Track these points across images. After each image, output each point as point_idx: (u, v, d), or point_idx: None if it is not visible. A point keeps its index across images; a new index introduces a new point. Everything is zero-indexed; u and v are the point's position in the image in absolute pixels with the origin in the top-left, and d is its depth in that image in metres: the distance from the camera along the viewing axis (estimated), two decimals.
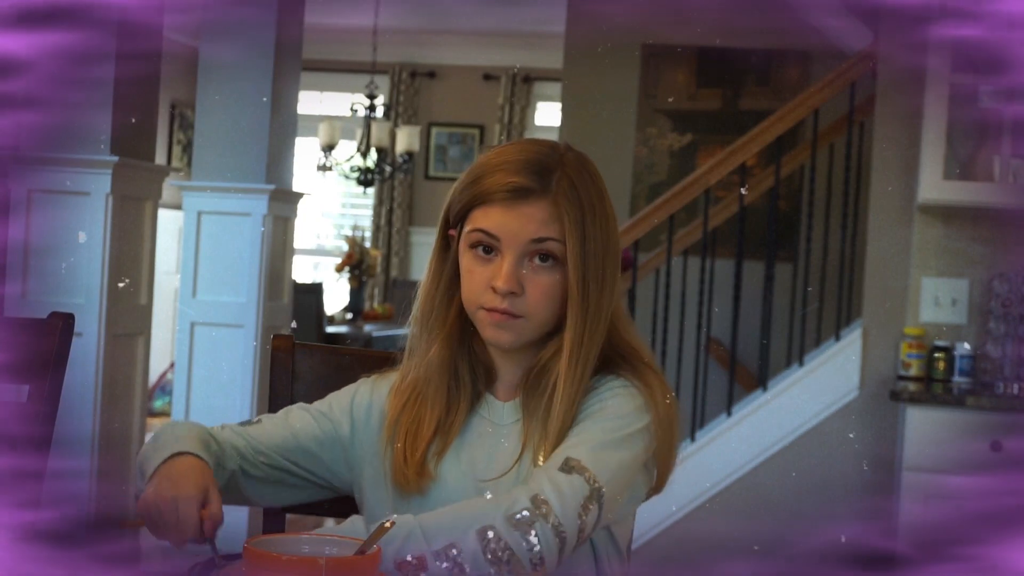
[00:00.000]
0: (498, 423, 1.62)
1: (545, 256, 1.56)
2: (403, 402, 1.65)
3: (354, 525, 1.46)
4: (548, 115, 9.03)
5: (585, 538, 1.48)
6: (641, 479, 1.59)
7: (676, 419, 1.61)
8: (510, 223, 1.56)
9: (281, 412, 1.71)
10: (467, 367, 1.64)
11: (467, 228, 1.59)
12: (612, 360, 1.61)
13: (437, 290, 1.64)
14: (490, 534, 1.41)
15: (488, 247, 1.58)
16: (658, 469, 1.61)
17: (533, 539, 1.42)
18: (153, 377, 7.80)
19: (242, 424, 1.68)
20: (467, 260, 1.60)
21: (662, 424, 1.57)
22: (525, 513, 1.43)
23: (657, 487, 1.63)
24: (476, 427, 1.63)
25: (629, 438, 1.53)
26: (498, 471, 1.59)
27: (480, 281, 1.58)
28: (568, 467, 1.48)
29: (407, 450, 1.62)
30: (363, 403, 1.69)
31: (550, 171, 1.57)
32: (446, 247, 1.64)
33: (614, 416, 1.54)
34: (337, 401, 1.71)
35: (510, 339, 1.59)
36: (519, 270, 1.56)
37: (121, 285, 3.87)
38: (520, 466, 1.57)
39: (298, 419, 1.68)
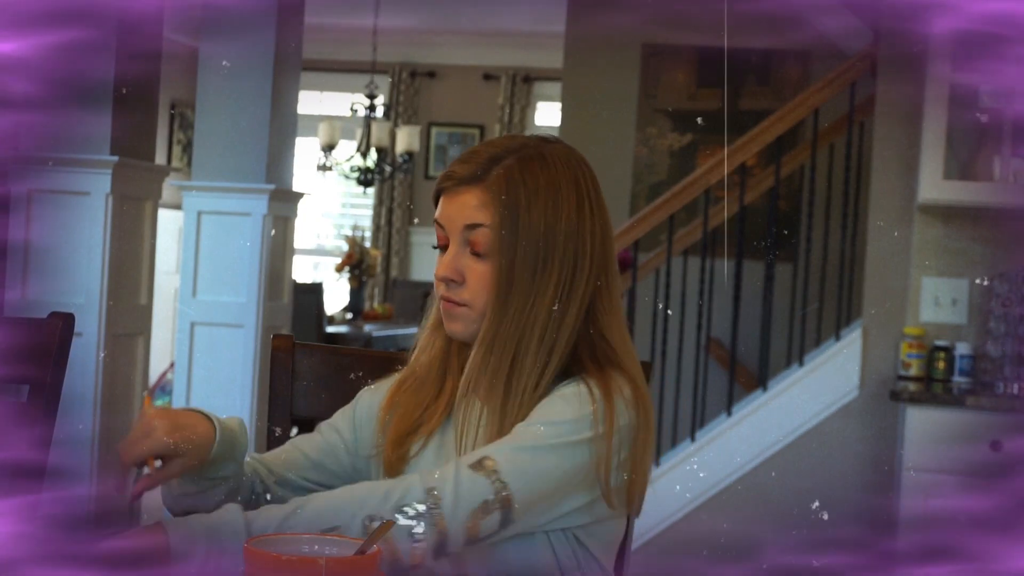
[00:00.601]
0: (478, 423, 1.61)
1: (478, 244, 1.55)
2: (394, 395, 1.66)
3: (232, 515, 1.42)
4: (548, 115, 9.03)
5: (486, 541, 1.45)
6: (584, 490, 1.49)
7: (647, 433, 1.52)
8: (450, 211, 1.57)
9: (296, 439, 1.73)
10: (456, 365, 1.63)
11: None
12: (583, 363, 1.54)
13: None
14: (374, 524, 1.40)
15: (441, 239, 1.59)
16: (621, 486, 1.50)
17: (416, 534, 1.40)
18: (153, 377, 7.79)
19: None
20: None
21: (620, 439, 1.48)
22: (413, 507, 1.41)
23: (629, 505, 1.53)
24: (456, 425, 1.63)
25: (564, 447, 1.46)
26: None
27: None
28: (480, 465, 1.45)
29: (392, 442, 1.63)
30: (364, 408, 1.70)
31: (496, 161, 1.55)
32: None
33: (551, 422, 1.48)
34: (342, 412, 1.72)
35: (458, 329, 1.58)
36: (460, 259, 1.56)
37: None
38: None
39: (304, 438, 1.70)
